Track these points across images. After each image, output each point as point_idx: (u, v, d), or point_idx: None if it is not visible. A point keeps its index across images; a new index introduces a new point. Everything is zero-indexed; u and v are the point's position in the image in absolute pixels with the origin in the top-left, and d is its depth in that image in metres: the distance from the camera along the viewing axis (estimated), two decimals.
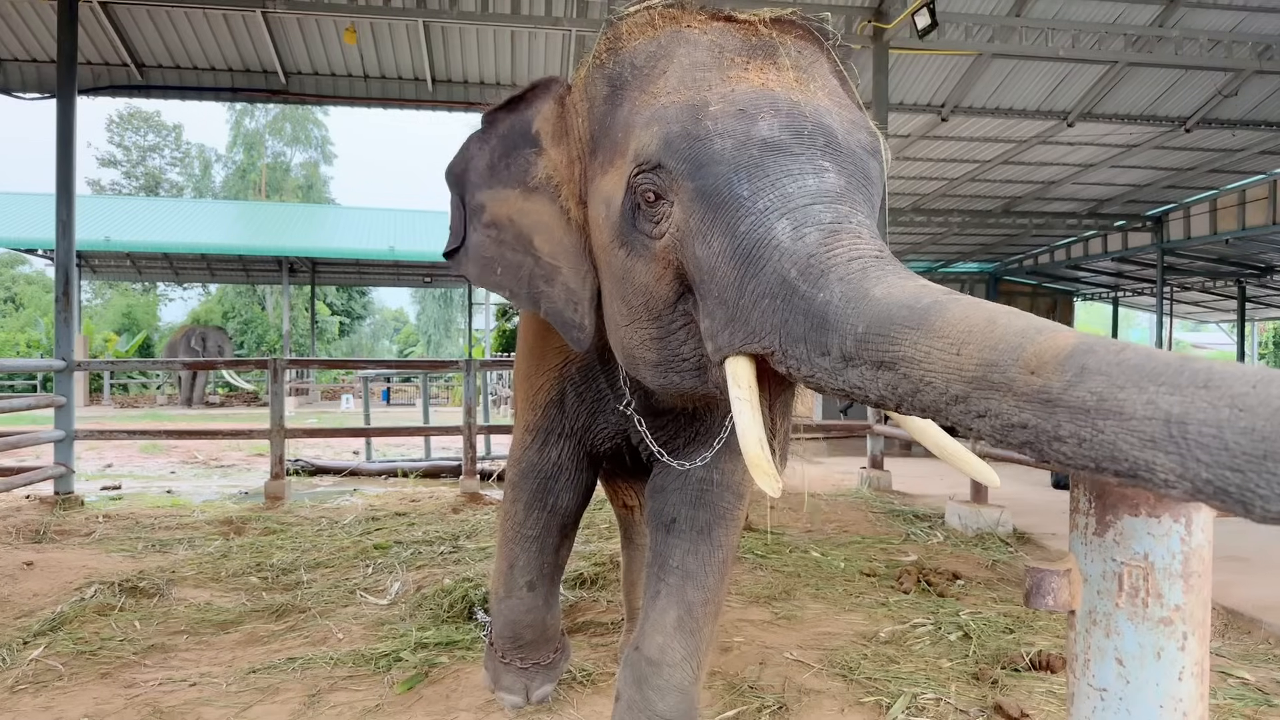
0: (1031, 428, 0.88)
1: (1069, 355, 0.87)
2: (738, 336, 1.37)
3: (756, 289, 1.33)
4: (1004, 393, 0.91)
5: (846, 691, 3.03)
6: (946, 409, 0.99)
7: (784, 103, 1.46)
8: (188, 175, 40.41)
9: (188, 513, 6.30)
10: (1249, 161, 13.80)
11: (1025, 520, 6.04)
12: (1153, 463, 0.79)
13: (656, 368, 1.65)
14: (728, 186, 1.40)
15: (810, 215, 1.33)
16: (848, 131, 1.49)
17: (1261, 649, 3.62)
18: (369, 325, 44.35)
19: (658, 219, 1.53)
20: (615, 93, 1.68)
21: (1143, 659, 0.83)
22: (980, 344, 0.95)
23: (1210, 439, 0.75)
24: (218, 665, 3.24)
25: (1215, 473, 0.75)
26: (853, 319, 1.14)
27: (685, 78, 1.55)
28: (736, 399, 1.39)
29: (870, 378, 1.12)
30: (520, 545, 2.53)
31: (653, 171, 1.50)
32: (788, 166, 1.39)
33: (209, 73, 9.18)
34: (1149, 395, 0.79)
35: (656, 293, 1.57)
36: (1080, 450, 0.84)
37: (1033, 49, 9.17)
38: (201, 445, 11.02)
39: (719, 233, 1.40)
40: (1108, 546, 0.85)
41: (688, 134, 1.46)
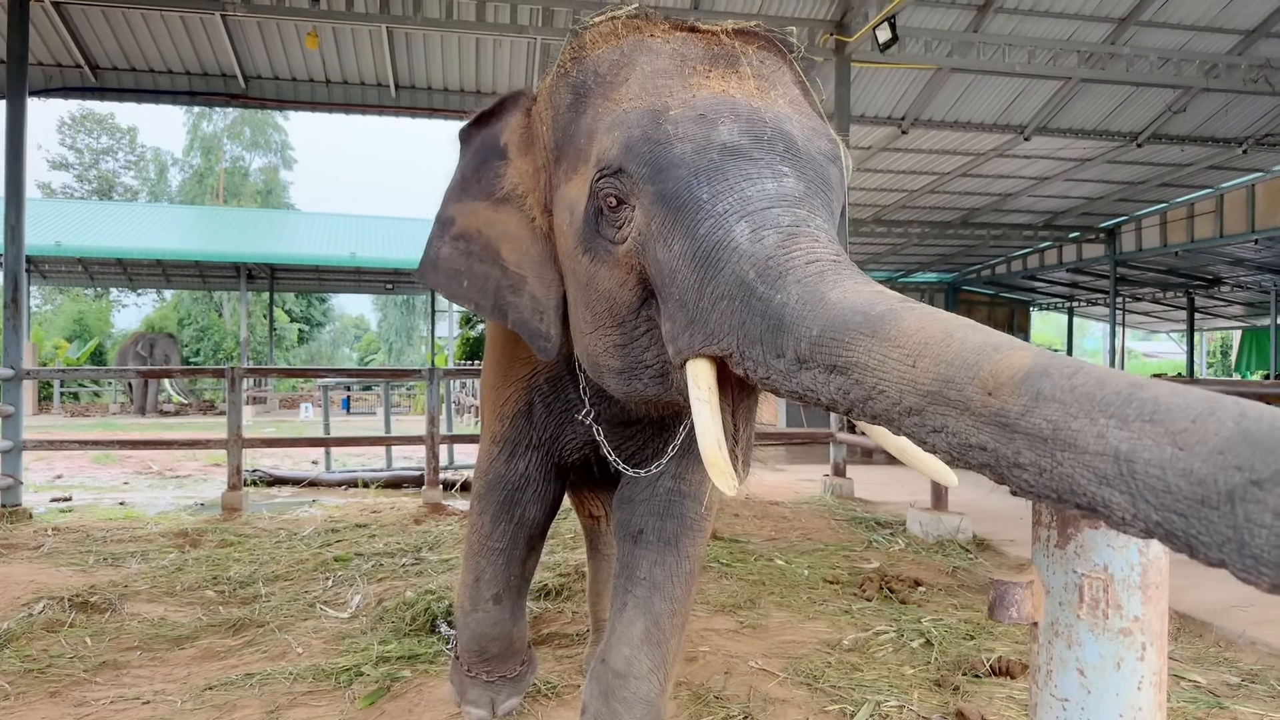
0: (991, 450, 0.87)
1: (1025, 378, 0.85)
2: (697, 338, 1.38)
3: (716, 291, 1.33)
4: (961, 411, 0.90)
5: (811, 700, 3.05)
6: (899, 419, 0.99)
7: (744, 109, 1.48)
8: (143, 179, 39.59)
9: (141, 525, 6.14)
10: (1197, 176, 14.25)
11: (985, 527, 6.12)
12: (1109, 500, 0.77)
13: (620, 375, 1.65)
14: (688, 190, 1.41)
15: (769, 218, 1.34)
16: (807, 138, 1.50)
17: (1212, 652, 3.71)
18: (329, 332, 43.79)
19: (620, 224, 1.53)
20: (579, 100, 1.68)
21: (1103, 669, 0.84)
22: (936, 358, 0.95)
23: (1155, 480, 0.73)
24: (172, 682, 3.16)
25: (1163, 515, 0.73)
26: (808, 322, 1.15)
27: (647, 84, 1.56)
28: (696, 399, 1.39)
29: (823, 381, 1.12)
30: (487, 558, 2.51)
31: (614, 176, 1.51)
32: (747, 170, 1.40)
33: (165, 75, 9.02)
34: (1100, 428, 0.78)
35: (620, 298, 1.57)
36: (1040, 480, 0.83)
37: (990, 64, 9.38)
38: (156, 455, 10.77)
39: (679, 236, 1.41)
40: (1069, 558, 0.86)
41: (648, 138, 1.47)
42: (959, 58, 9.22)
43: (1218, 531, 0.69)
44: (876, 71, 9.90)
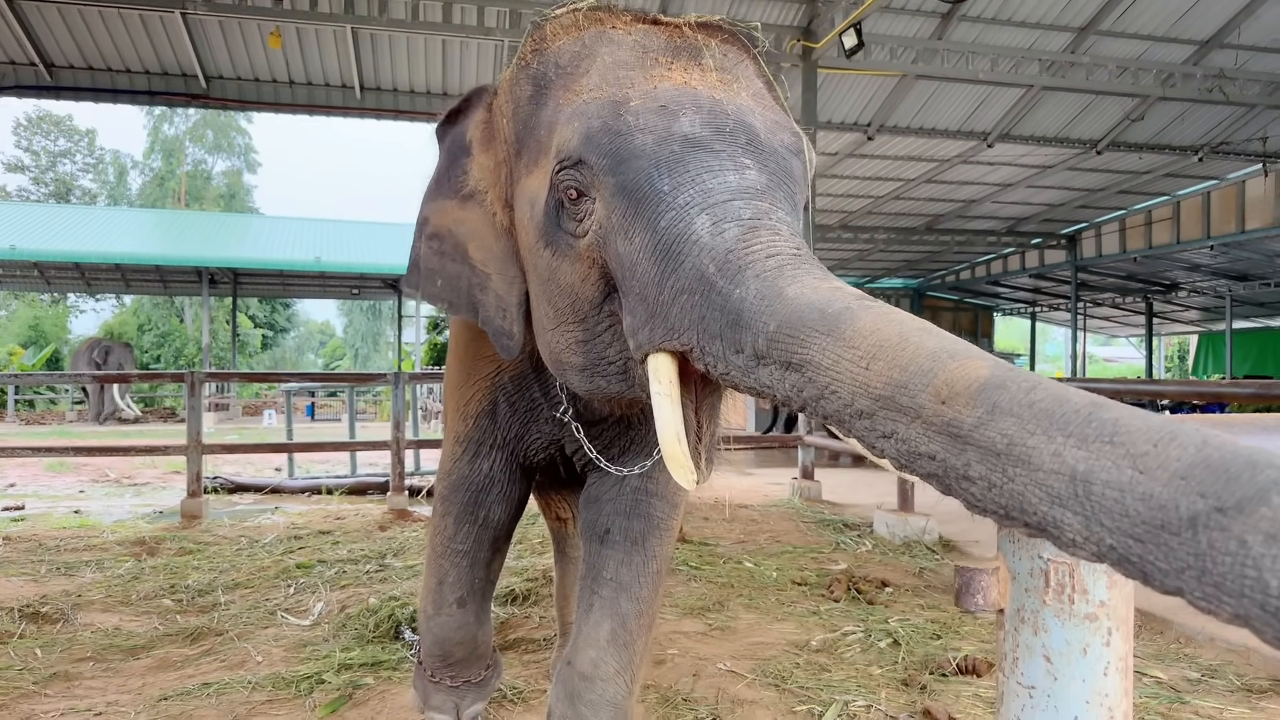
0: (939, 460, 0.85)
1: (980, 389, 0.83)
2: (658, 333, 1.35)
3: (676, 284, 1.31)
4: (912, 418, 0.88)
5: (779, 701, 3.04)
6: (850, 422, 0.97)
7: (706, 101, 1.46)
8: (101, 182, 38.83)
9: (97, 533, 5.99)
10: (1154, 183, 14.57)
11: (950, 528, 6.17)
12: (1060, 521, 0.76)
13: (583, 372, 1.62)
14: (648, 181, 1.39)
15: (730, 211, 1.32)
16: (770, 131, 1.49)
17: (1173, 648, 3.76)
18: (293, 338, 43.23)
19: (580, 217, 1.50)
20: (539, 92, 1.66)
21: (1069, 655, 0.84)
22: (890, 361, 0.93)
23: (1113, 503, 0.71)
24: (126, 693, 3.07)
25: (1118, 539, 0.71)
26: (765, 317, 1.13)
27: (608, 75, 1.54)
28: (656, 394, 1.37)
29: (779, 378, 1.10)
30: (450, 560, 2.46)
31: (574, 168, 1.48)
32: (709, 162, 1.38)
33: (124, 74, 8.83)
34: (1056, 446, 0.76)
35: (581, 293, 1.54)
36: (989, 495, 0.81)
37: (954, 71, 9.51)
38: (113, 462, 10.52)
39: (640, 228, 1.39)
40: (1034, 544, 0.86)
41: (608, 129, 1.45)
42: (924, 64, 9.34)
43: (1177, 558, 0.68)
44: (843, 78, 9.99)
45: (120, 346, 22.38)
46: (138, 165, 39.09)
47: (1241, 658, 3.57)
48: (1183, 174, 13.99)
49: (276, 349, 39.31)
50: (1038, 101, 11.07)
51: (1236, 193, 14.23)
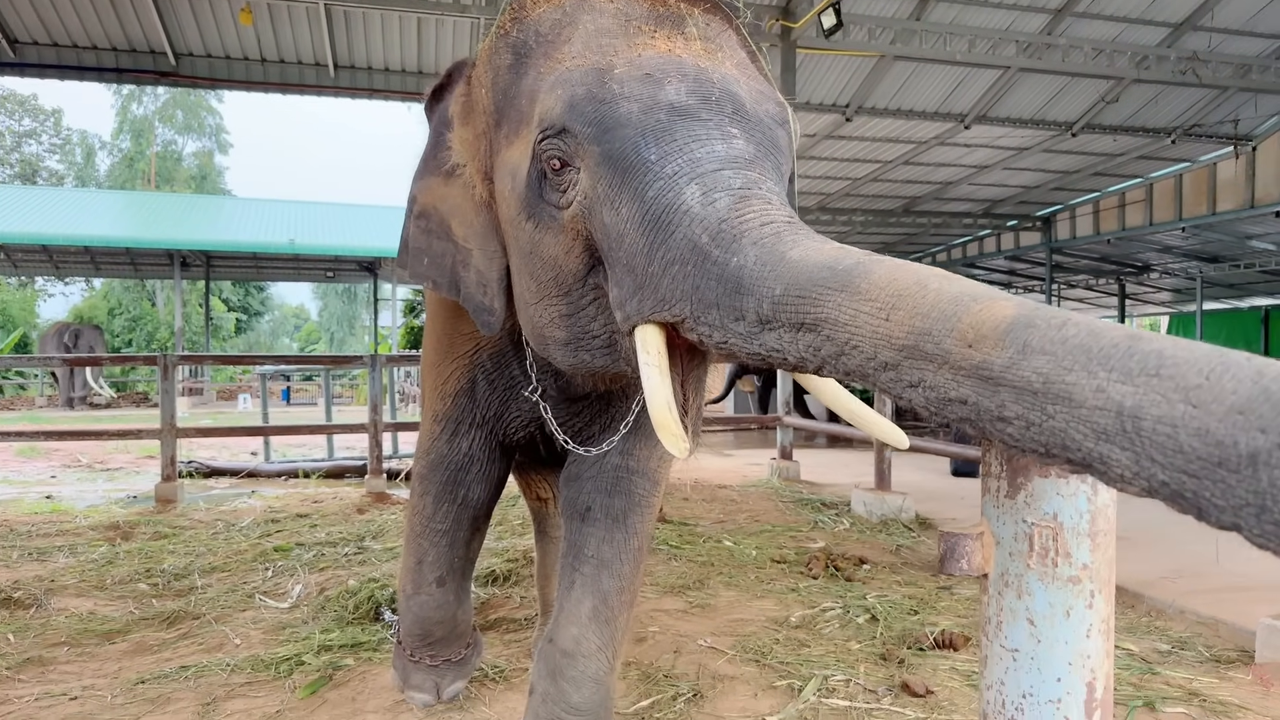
0: (971, 404, 0.84)
1: (1008, 329, 0.82)
2: (647, 304, 1.34)
3: (666, 255, 1.29)
4: (939, 365, 0.86)
5: (759, 676, 3.06)
6: (874, 375, 0.95)
7: (691, 69, 1.45)
8: (69, 163, 38.05)
9: (69, 518, 5.91)
10: (1128, 166, 14.69)
11: (926, 506, 6.24)
12: (1107, 457, 0.74)
13: (566, 346, 1.61)
14: (635, 151, 1.37)
15: (720, 180, 1.30)
16: (755, 100, 1.48)
17: (1144, 621, 3.83)
18: (268, 322, 42.78)
19: (564, 187, 1.48)
20: (520, 61, 1.63)
21: (1053, 618, 0.84)
22: (911, 310, 0.91)
23: (1165, 438, 0.69)
24: (102, 677, 3.04)
25: (1172, 475, 0.70)
26: (769, 281, 1.12)
27: (591, 44, 1.52)
28: (645, 364, 1.36)
29: (790, 340, 1.09)
30: (429, 540, 2.45)
31: (558, 136, 1.46)
32: (696, 131, 1.37)
33: (91, 51, 8.62)
34: (1099, 381, 0.74)
35: (565, 266, 1.53)
36: (1028, 434, 0.80)
37: (932, 52, 9.51)
38: (85, 447, 10.38)
39: (627, 198, 1.37)
40: (1019, 508, 0.86)
41: (593, 97, 1.43)
42: (902, 45, 9.34)
43: (1235, 496, 0.66)
44: (821, 58, 9.97)
45: (90, 329, 22.03)
46: (106, 146, 38.36)
47: (1210, 630, 3.65)
48: (1156, 156, 14.12)
49: (251, 333, 38.89)
50: (1014, 83, 11.11)
51: (1208, 175, 14.40)
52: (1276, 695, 2.92)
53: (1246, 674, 3.11)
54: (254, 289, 36.85)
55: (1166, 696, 2.88)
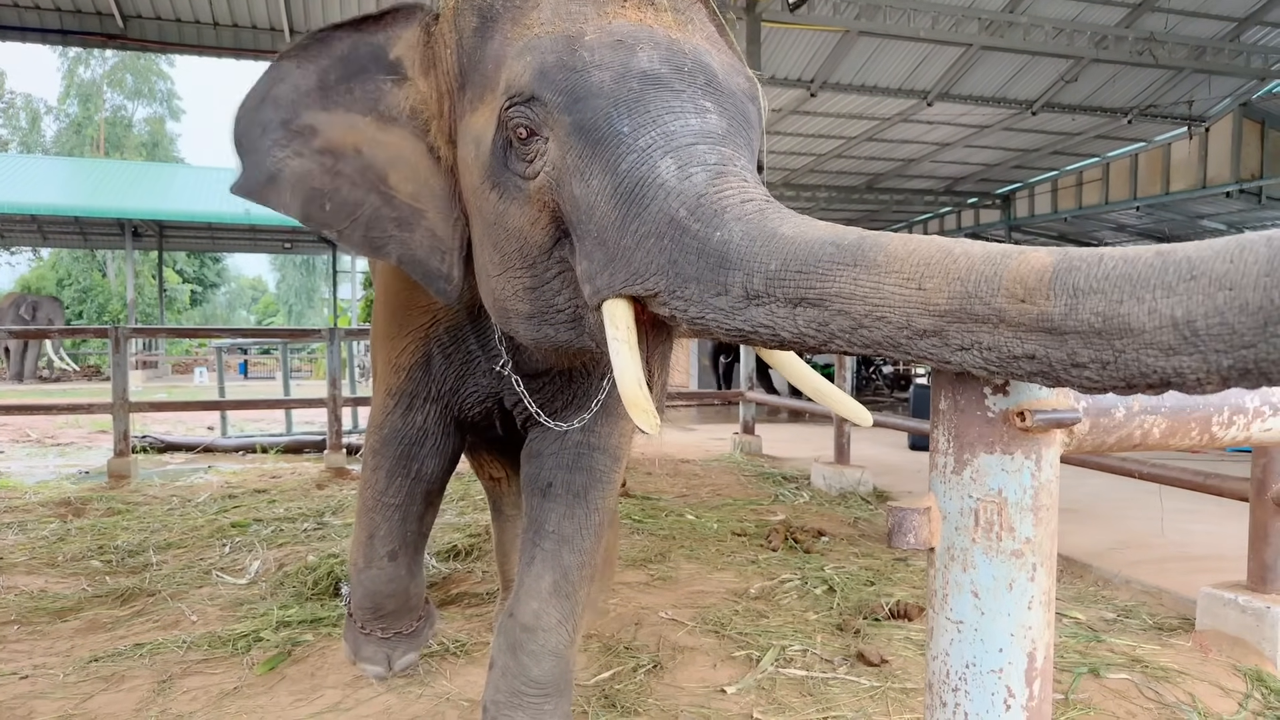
0: (1041, 358, 0.86)
1: (1054, 277, 0.84)
2: (618, 278, 1.32)
3: (641, 229, 1.28)
4: (994, 324, 0.87)
5: (719, 647, 3.10)
6: (910, 343, 0.95)
7: (663, 38, 1.43)
8: (13, 128, 36.70)
9: (19, 494, 5.78)
10: (1086, 145, 14.92)
11: (884, 480, 6.35)
12: (1181, 369, 0.79)
13: (530, 320, 1.59)
14: (607, 122, 1.35)
15: (695, 155, 1.29)
16: (727, 73, 1.47)
17: (1091, 591, 3.95)
18: (224, 294, 41.95)
19: (531, 157, 1.46)
20: (485, 25, 1.60)
21: (996, 591, 0.87)
22: (946, 275, 0.92)
23: (1218, 327, 0.75)
24: (54, 655, 2.99)
25: (1234, 356, 0.75)
26: (762, 256, 1.11)
27: (560, 10, 1.49)
28: (614, 339, 1.34)
29: (785, 316, 1.08)
30: (381, 514, 2.43)
31: (526, 104, 1.43)
32: (669, 103, 1.36)
33: (33, 11, 8.26)
34: (1149, 304, 0.79)
35: (530, 238, 1.50)
36: (1105, 373, 0.83)
37: (896, 28, 9.53)
38: (35, 422, 10.13)
39: (598, 170, 1.35)
40: (965, 484, 0.88)
41: (563, 64, 1.40)
42: (866, 20, 9.34)
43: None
44: (786, 33, 9.93)
45: (49, 300, 21.40)
46: (52, 111, 37.04)
47: (1154, 599, 3.77)
48: (1113, 135, 14.35)
49: (206, 305, 38.11)
50: (976, 61, 11.19)
51: (1163, 155, 14.69)
52: (1215, 661, 3.03)
53: (1187, 641, 3.22)
54: (209, 260, 36.03)
55: (1111, 663, 2.98)
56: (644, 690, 2.73)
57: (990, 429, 0.88)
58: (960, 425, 0.89)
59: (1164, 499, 5.29)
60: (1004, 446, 0.87)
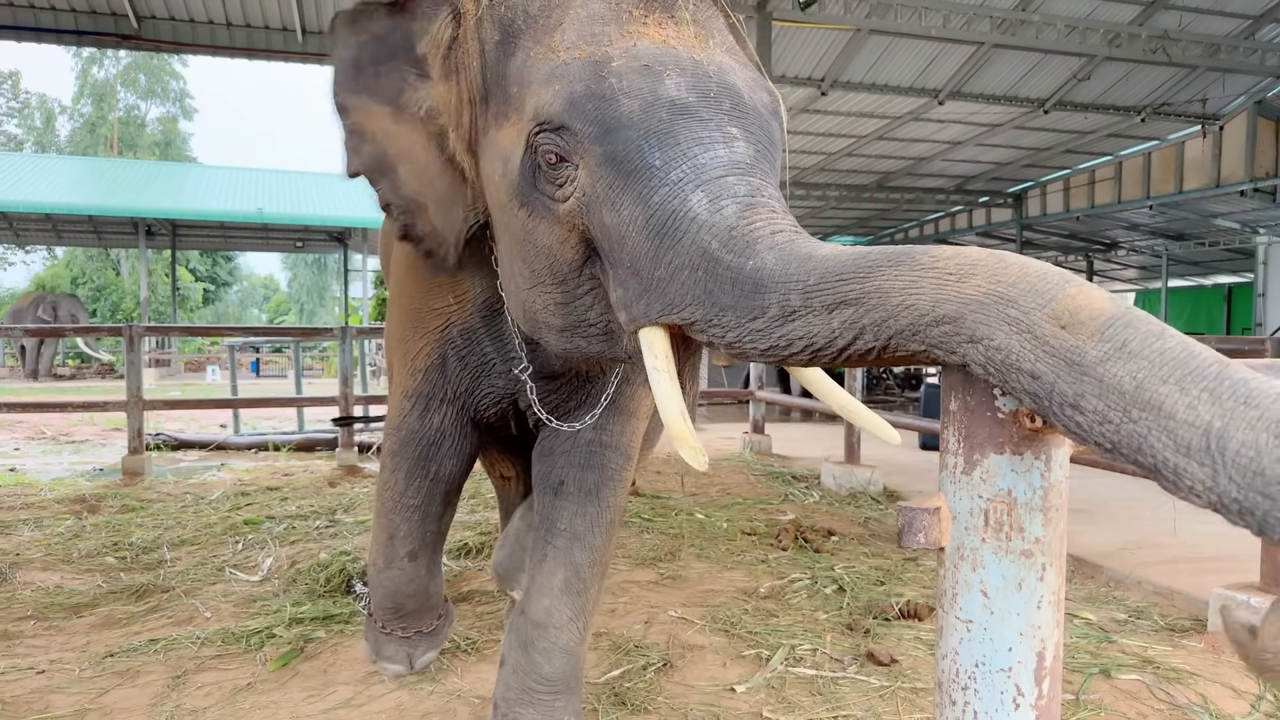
0: (1046, 382, 0.84)
1: (1108, 323, 0.83)
2: (654, 308, 1.34)
3: (674, 261, 1.30)
4: (1017, 330, 0.87)
5: (729, 646, 3.11)
6: (925, 330, 0.95)
7: (687, 61, 1.44)
8: (28, 128, 36.96)
9: (34, 491, 5.83)
10: (1099, 143, 14.83)
11: (895, 479, 6.34)
12: (1181, 469, 0.78)
13: (563, 333, 1.61)
14: (639, 154, 1.36)
15: (725, 188, 1.31)
16: (751, 91, 1.48)
17: (1102, 592, 3.93)
18: (236, 292, 42.17)
19: (561, 182, 1.47)
20: (507, 40, 1.60)
21: (1006, 590, 0.87)
22: (991, 276, 0.91)
23: (1248, 462, 0.74)
24: (70, 651, 3.02)
25: (1245, 495, 0.75)
26: (799, 275, 1.11)
27: (584, 31, 1.49)
28: (654, 369, 1.36)
29: (820, 323, 1.08)
30: (401, 514, 2.45)
31: (555, 132, 1.44)
32: (698, 133, 1.37)
33: (48, 12, 8.33)
34: (1191, 399, 0.78)
35: (561, 256, 1.52)
36: (1101, 429, 0.82)
37: (907, 26, 9.49)
38: (50, 419, 10.21)
39: (630, 201, 1.37)
40: (974, 484, 0.89)
41: (592, 94, 1.41)
42: (877, 19, 9.30)
43: None
44: (797, 31, 9.91)
45: (68, 299, 21.60)
46: (66, 110, 37.29)
47: (1166, 599, 3.76)
48: (1125, 134, 14.26)
49: (219, 303, 38.32)
50: (988, 60, 11.13)
51: (1176, 153, 14.59)
52: (1227, 663, 3.02)
53: (1199, 642, 3.21)
54: (222, 259, 36.25)
55: (1122, 664, 2.97)
56: (654, 688, 2.74)
57: (1000, 430, 0.88)
58: (970, 426, 0.90)
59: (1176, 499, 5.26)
60: (1014, 447, 0.88)
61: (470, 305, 2.12)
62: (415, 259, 2.18)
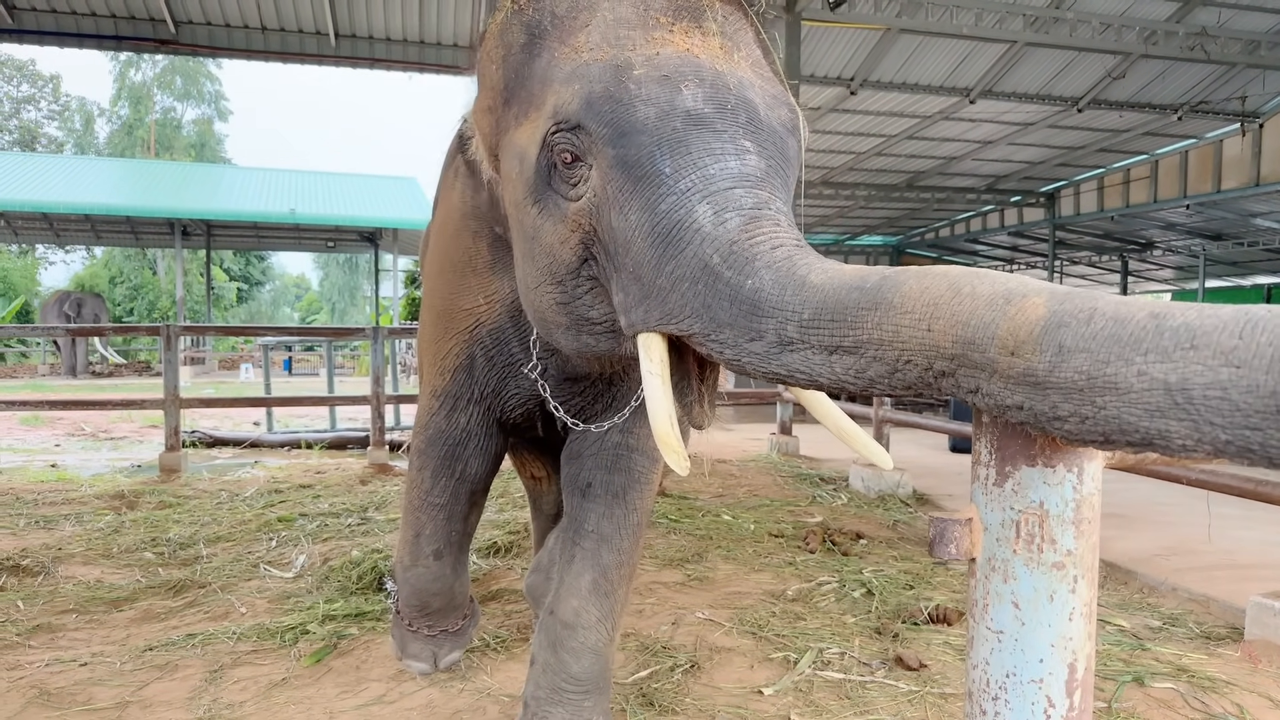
0: (1028, 409, 0.87)
1: (1043, 331, 0.85)
2: (653, 315, 1.36)
3: (676, 271, 1.31)
4: (990, 373, 0.89)
5: (756, 648, 3.11)
6: (936, 383, 0.97)
7: (708, 72, 1.44)
8: (68, 130, 37.77)
9: (75, 487, 5.97)
10: (1134, 142, 14.58)
11: (924, 482, 6.29)
12: (1166, 430, 0.78)
13: (569, 331, 1.62)
14: (650, 160, 1.37)
15: (732, 200, 1.31)
16: (770, 107, 1.48)
17: (1136, 598, 3.88)
18: (269, 292, 42.74)
19: (575, 181, 1.49)
20: (533, 41, 1.62)
21: (1037, 602, 0.87)
22: (950, 319, 0.93)
23: (1218, 401, 0.74)
24: (110, 644, 3.10)
25: (1234, 434, 0.74)
26: (793, 305, 1.13)
27: (609, 34, 1.50)
28: (649, 374, 1.38)
29: (821, 363, 1.10)
30: (427, 513, 2.48)
31: (572, 131, 1.46)
32: (710, 145, 1.37)
33: (89, 18, 8.53)
34: (1138, 366, 0.78)
35: (560, 256, 1.54)
36: (1084, 427, 0.83)
37: (938, 25, 9.40)
38: (89, 416, 10.43)
39: (637, 207, 1.38)
40: (1006, 496, 0.89)
41: (610, 96, 1.42)
42: (908, 18, 9.23)
43: None
44: (826, 31, 9.87)
45: (92, 297, 22.02)
46: (104, 113, 38.05)
47: (1201, 607, 3.70)
48: (1162, 133, 14.02)
49: (252, 302, 38.86)
50: (1021, 57, 11.00)
51: (1214, 152, 14.30)
52: (1265, 672, 2.97)
53: (1236, 651, 3.16)
54: (255, 258, 36.79)
55: (1156, 672, 2.93)
56: (681, 690, 2.75)
57: (1032, 442, 0.88)
58: (1002, 438, 0.90)
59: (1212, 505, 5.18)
60: (1045, 459, 0.88)
61: (499, 306, 2.14)
62: (447, 261, 2.22)
